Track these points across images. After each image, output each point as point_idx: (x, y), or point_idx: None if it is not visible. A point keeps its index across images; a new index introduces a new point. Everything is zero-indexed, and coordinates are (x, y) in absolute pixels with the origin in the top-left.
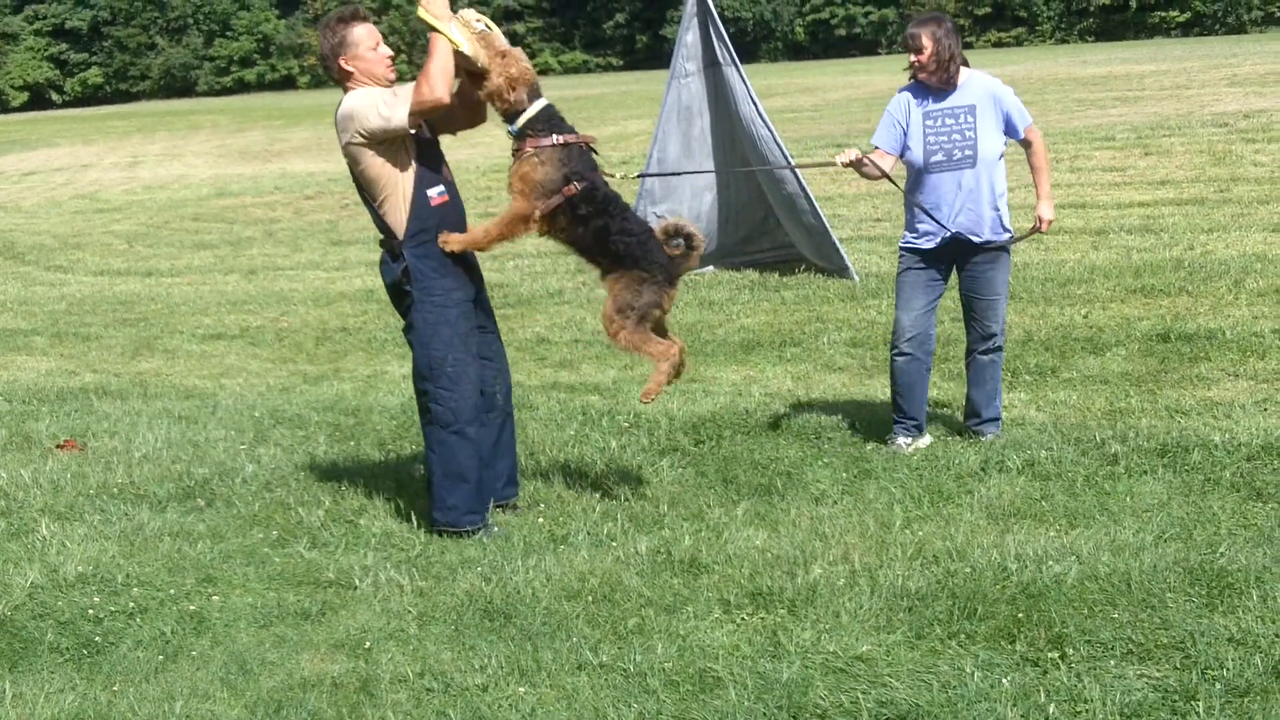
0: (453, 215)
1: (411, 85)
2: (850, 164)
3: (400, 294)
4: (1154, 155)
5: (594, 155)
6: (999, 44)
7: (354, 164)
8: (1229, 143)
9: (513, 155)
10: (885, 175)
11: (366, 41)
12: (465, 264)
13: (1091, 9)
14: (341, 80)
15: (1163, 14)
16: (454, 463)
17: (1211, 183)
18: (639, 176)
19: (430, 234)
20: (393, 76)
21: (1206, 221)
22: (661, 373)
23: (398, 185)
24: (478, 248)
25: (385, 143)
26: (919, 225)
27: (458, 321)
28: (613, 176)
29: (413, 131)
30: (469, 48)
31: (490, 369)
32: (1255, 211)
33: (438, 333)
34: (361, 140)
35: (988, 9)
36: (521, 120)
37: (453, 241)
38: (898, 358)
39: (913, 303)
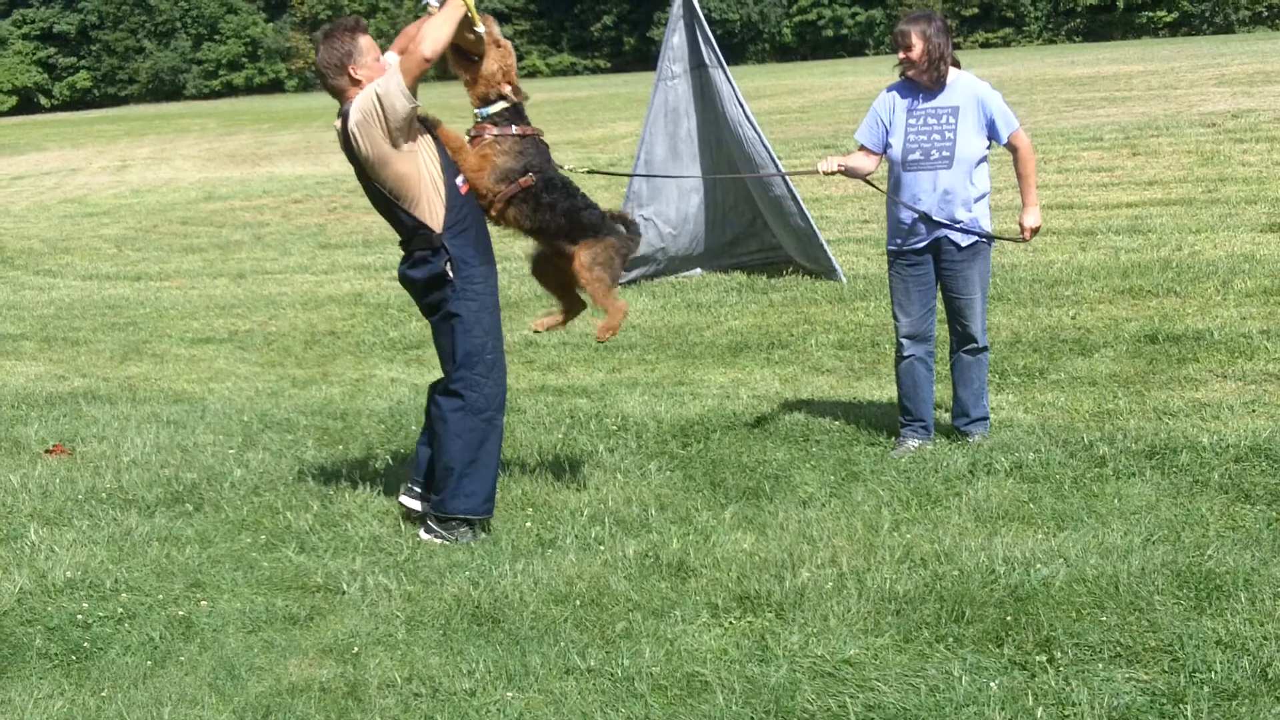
0: (473, 200)
1: (391, 64)
2: (832, 173)
3: (438, 286)
4: (1142, 155)
5: (548, 147)
6: (986, 45)
7: (383, 168)
8: (1217, 143)
9: (469, 136)
10: (866, 180)
11: (372, 51)
12: (492, 255)
13: (1079, 9)
14: (344, 90)
15: (1150, 14)
16: (482, 449)
17: (1199, 183)
18: (589, 172)
19: (465, 222)
20: None
21: (1194, 222)
22: (616, 319)
23: (426, 179)
24: (457, 148)
25: (408, 135)
26: (902, 227)
27: (495, 310)
28: (563, 168)
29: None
30: (483, 28)
31: None
32: (1243, 211)
33: (480, 320)
34: (395, 135)
35: (975, 9)
36: (493, 109)
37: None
38: (902, 362)
39: (909, 307)
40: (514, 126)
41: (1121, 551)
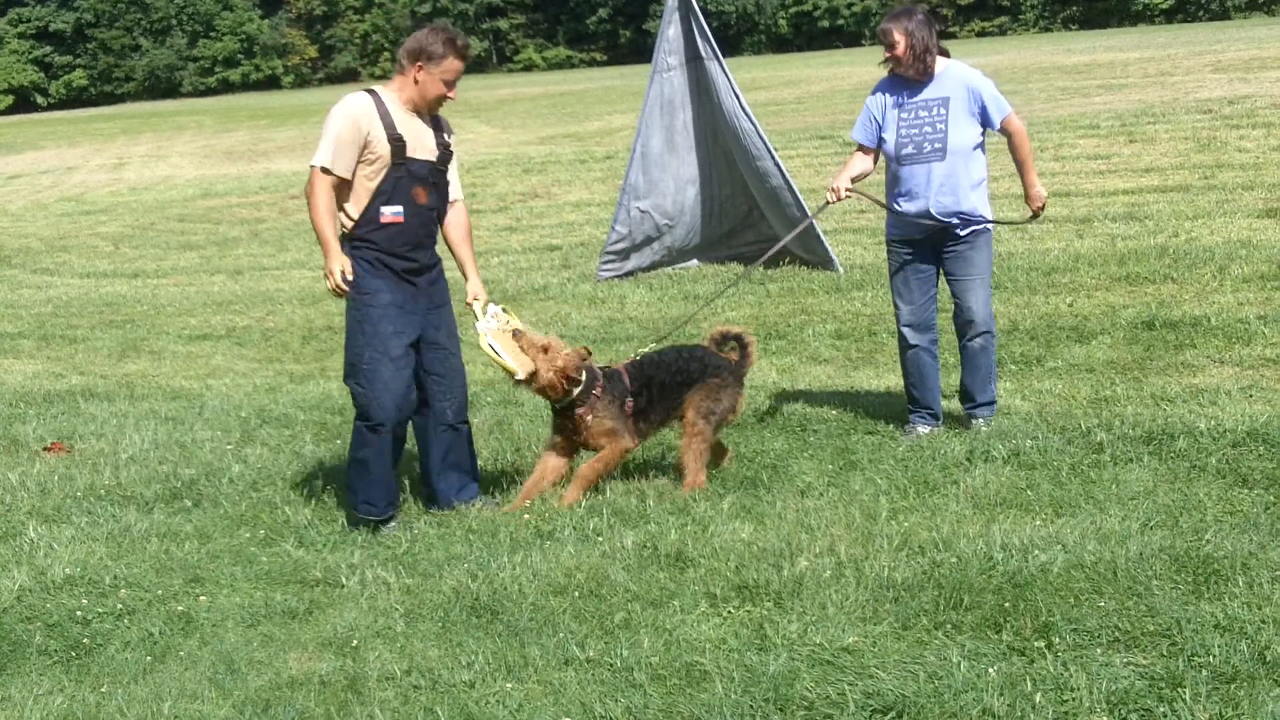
0: (400, 237)
1: (321, 155)
2: (851, 192)
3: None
4: (1138, 143)
5: (609, 369)
6: (982, 34)
7: None
8: (1213, 129)
9: (562, 426)
10: (869, 197)
11: (450, 77)
12: (408, 274)
13: None
14: (402, 70)
15: (1146, 0)
16: (360, 451)
17: (1196, 169)
18: (656, 341)
19: (370, 244)
20: (437, 110)
21: (1191, 208)
22: (688, 487)
23: (355, 188)
24: (590, 485)
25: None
26: (899, 214)
27: (379, 322)
28: (649, 346)
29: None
30: (521, 369)
31: (441, 384)
32: (1240, 197)
33: (361, 330)
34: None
35: None
36: (575, 394)
37: (570, 496)
38: (906, 351)
39: (910, 295)
40: (593, 390)
41: (1119, 537)
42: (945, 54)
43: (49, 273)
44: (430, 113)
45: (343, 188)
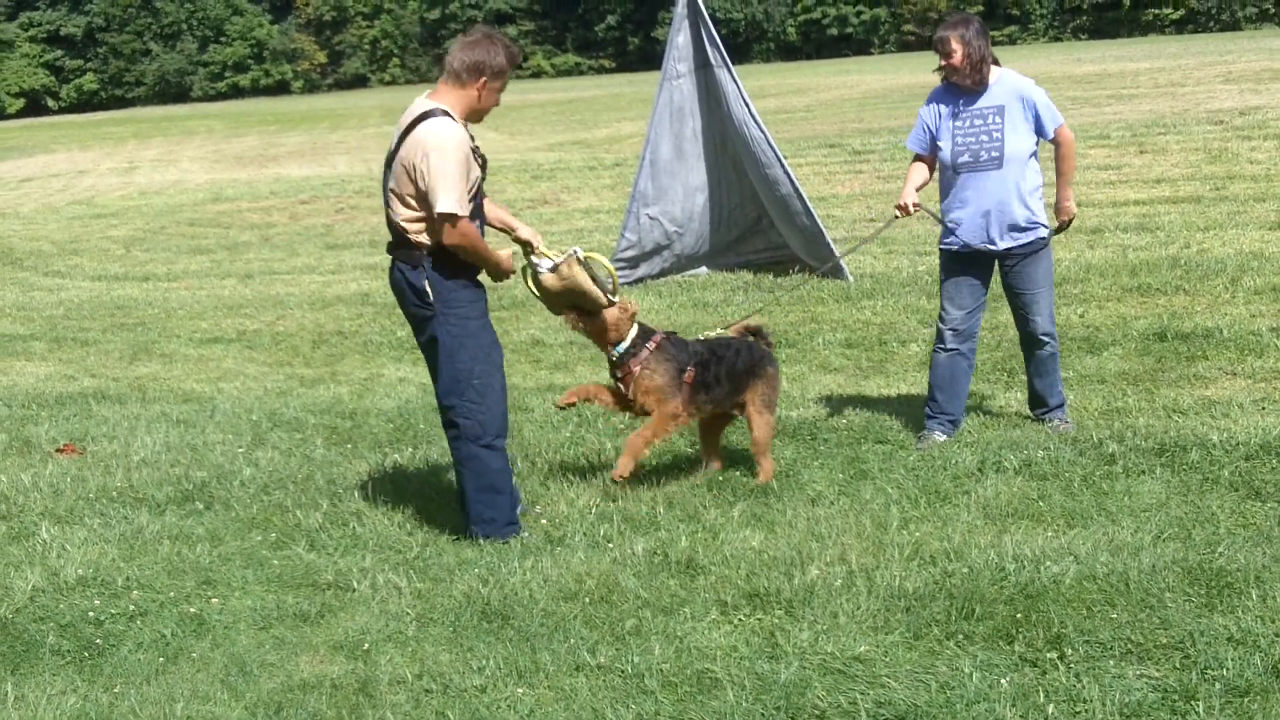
0: None
1: (455, 203)
2: (918, 205)
3: (418, 306)
4: (1149, 153)
5: (676, 335)
6: (992, 43)
7: (411, 175)
8: (1225, 140)
9: (616, 376)
10: (928, 211)
11: (502, 86)
12: (480, 278)
13: (1084, 6)
14: (455, 84)
15: (1156, 11)
16: (486, 476)
17: (1207, 180)
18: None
19: (456, 258)
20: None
21: (1203, 219)
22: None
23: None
24: (639, 454)
25: None
26: (952, 227)
27: (480, 334)
28: (706, 337)
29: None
30: (604, 299)
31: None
32: (1251, 209)
33: (463, 345)
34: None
35: (980, 7)
36: (625, 345)
37: (621, 468)
38: (941, 353)
39: (961, 300)
40: (646, 345)
41: (1132, 549)
42: (996, 62)
43: (60, 275)
44: (477, 122)
45: (425, 213)
